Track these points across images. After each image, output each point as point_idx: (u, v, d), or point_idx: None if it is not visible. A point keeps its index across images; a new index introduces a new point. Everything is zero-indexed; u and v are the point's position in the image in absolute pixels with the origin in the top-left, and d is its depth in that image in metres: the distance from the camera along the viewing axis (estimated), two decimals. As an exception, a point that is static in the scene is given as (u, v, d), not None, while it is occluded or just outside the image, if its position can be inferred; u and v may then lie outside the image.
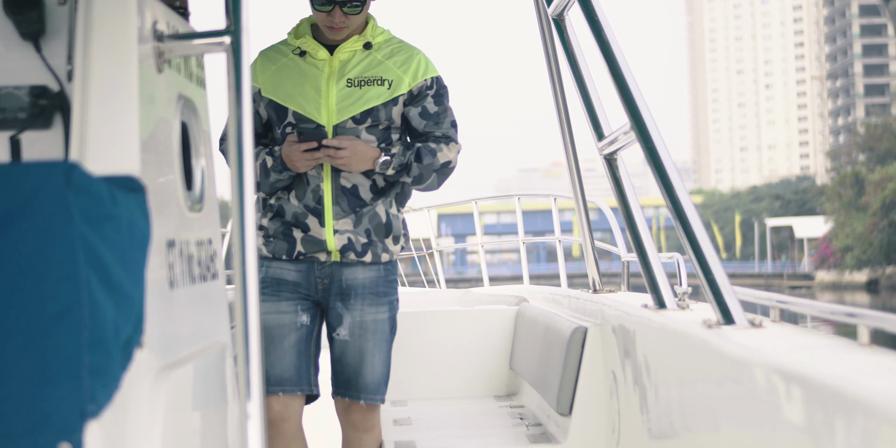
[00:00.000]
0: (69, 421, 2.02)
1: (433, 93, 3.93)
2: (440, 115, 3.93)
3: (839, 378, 1.97)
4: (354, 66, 3.91)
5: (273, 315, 4.02)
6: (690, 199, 3.11)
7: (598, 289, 4.77)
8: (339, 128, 3.88)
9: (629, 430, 3.63)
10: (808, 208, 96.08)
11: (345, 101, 3.88)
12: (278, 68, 3.97)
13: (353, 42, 3.91)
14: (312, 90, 3.90)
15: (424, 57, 3.95)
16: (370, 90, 3.88)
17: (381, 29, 3.98)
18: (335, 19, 3.83)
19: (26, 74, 2.85)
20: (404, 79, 3.89)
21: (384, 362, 3.96)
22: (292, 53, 3.96)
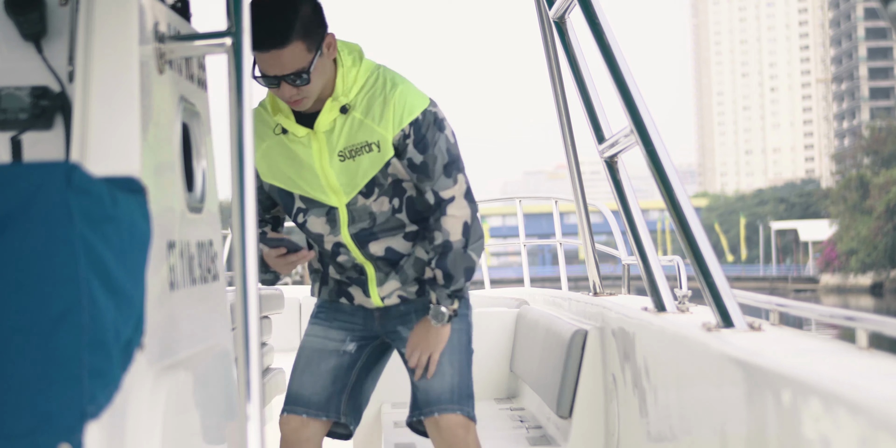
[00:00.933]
0: (69, 422, 2.02)
1: (413, 140, 3.60)
2: (428, 165, 3.62)
3: (838, 382, 1.97)
4: (339, 135, 3.63)
5: (319, 338, 3.95)
6: (691, 203, 3.11)
7: (598, 292, 4.77)
8: (351, 206, 3.71)
9: (629, 432, 3.63)
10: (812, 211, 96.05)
11: (344, 177, 3.66)
12: (268, 148, 3.73)
13: (328, 111, 3.61)
14: (309, 173, 3.68)
15: (399, 97, 3.60)
16: (363, 159, 3.62)
17: (354, 75, 3.62)
18: (286, 94, 3.55)
19: (27, 75, 2.85)
20: (386, 136, 3.59)
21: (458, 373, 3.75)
22: (273, 131, 3.71)
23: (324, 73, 3.56)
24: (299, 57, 3.48)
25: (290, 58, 3.47)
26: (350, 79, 3.61)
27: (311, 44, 3.49)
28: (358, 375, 3.91)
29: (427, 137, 3.61)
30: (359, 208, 3.71)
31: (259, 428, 2.37)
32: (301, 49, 3.47)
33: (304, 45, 3.47)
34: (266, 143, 3.72)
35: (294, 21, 3.45)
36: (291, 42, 3.45)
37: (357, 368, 3.90)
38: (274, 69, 3.49)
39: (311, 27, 3.49)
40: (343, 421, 3.88)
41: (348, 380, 3.89)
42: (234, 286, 2.49)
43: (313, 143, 3.66)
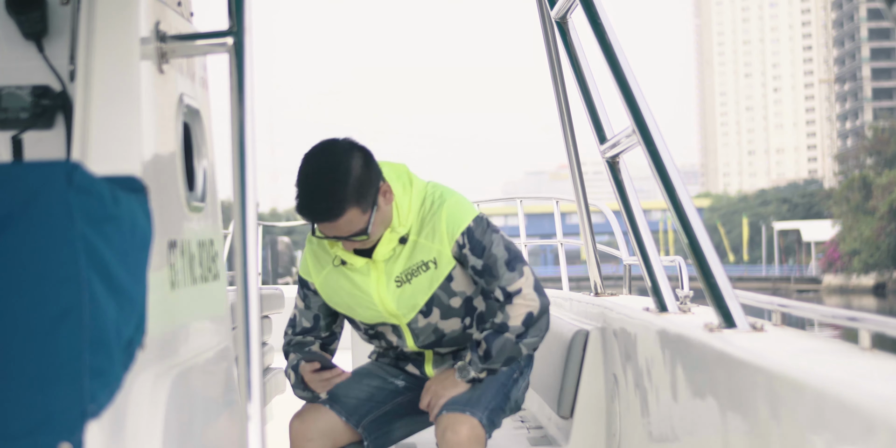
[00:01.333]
0: (70, 421, 2.02)
1: (469, 248, 3.63)
2: (489, 268, 3.63)
3: (840, 382, 1.97)
4: (395, 262, 3.66)
5: (374, 365, 4.00)
6: (692, 203, 3.11)
7: (599, 292, 4.77)
8: (412, 325, 3.74)
9: (630, 433, 3.63)
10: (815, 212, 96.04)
11: (401, 301, 3.68)
12: (328, 275, 3.76)
13: (387, 242, 3.64)
14: (366, 300, 3.70)
15: (448, 212, 3.64)
16: (420, 280, 3.66)
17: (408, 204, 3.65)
18: (348, 247, 3.61)
19: (29, 74, 2.85)
20: (443, 251, 3.64)
21: (486, 391, 3.73)
22: (332, 263, 3.74)
23: (383, 221, 3.60)
24: (356, 221, 3.51)
25: (346, 225, 3.51)
26: (405, 209, 3.65)
27: (366, 205, 3.51)
28: (394, 407, 3.91)
29: (483, 241, 3.64)
30: (421, 327, 3.75)
31: (260, 427, 2.37)
32: (357, 214, 3.50)
33: (360, 209, 3.50)
34: (326, 270, 3.77)
35: (345, 193, 3.47)
36: (345, 212, 3.48)
37: (396, 401, 3.92)
38: (332, 232, 3.54)
39: (363, 189, 3.50)
40: (360, 439, 3.85)
41: (384, 405, 3.89)
42: (234, 286, 2.49)
43: (372, 272, 3.69)
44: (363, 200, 3.50)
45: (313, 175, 3.49)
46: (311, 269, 3.81)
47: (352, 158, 3.50)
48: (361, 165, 3.51)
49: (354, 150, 3.53)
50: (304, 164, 3.51)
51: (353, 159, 3.51)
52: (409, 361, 3.92)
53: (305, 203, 3.48)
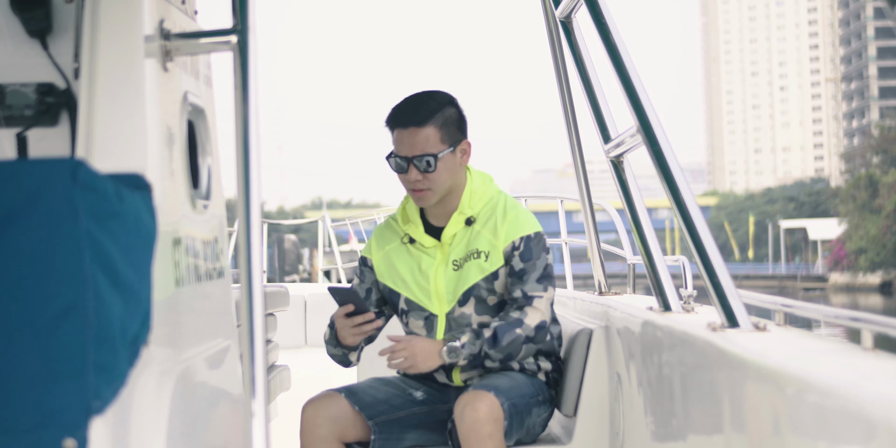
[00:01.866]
0: (74, 417, 2.03)
1: (520, 252, 3.79)
2: (525, 271, 3.78)
3: (843, 382, 1.97)
4: (457, 245, 3.84)
5: (397, 377, 4.03)
6: (696, 202, 3.10)
7: (603, 291, 4.77)
8: (449, 315, 3.84)
9: (633, 432, 3.63)
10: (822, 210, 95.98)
11: (451, 285, 3.82)
12: (391, 250, 3.93)
13: (454, 223, 3.84)
14: (423, 277, 3.85)
15: (516, 215, 3.83)
16: (470, 267, 3.81)
17: (482, 192, 3.88)
18: (411, 177, 3.75)
19: (33, 72, 2.86)
20: (498, 246, 3.80)
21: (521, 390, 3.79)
22: (401, 240, 3.92)
23: (451, 171, 3.81)
24: (432, 142, 3.75)
25: (423, 140, 3.75)
26: (478, 195, 3.87)
27: (445, 136, 3.78)
28: (409, 416, 3.91)
29: (533, 252, 3.80)
30: (456, 318, 3.84)
31: (264, 424, 2.37)
32: (436, 136, 3.76)
33: (440, 134, 3.77)
34: (388, 246, 3.95)
35: (437, 111, 3.78)
36: (428, 125, 3.75)
37: (412, 410, 3.92)
38: (405, 149, 3.77)
39: (450, 124, 3.80)
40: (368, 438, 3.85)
41: (399, 411, 3.89)
42: (239, 283, 2.49)
43: (438, 254, 3.86)
44: (447, 130, 3.78)
45: (413, 94, 3.87)
46: (373, 247, 3.98)
47: (449, 103, 3.82)
48: (455, 112, 3.83)
49: (454, 103, 3.84)
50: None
51: (451, 105, 3.82)
52: (438, 369, 3.90)
53: (397, 107, 3.83)
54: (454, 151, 3.79)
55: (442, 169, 3.76)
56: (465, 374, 3.90)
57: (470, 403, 3.62)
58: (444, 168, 3.76)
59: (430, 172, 3.74)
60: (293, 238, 30.38)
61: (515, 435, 3.81)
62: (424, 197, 3.80)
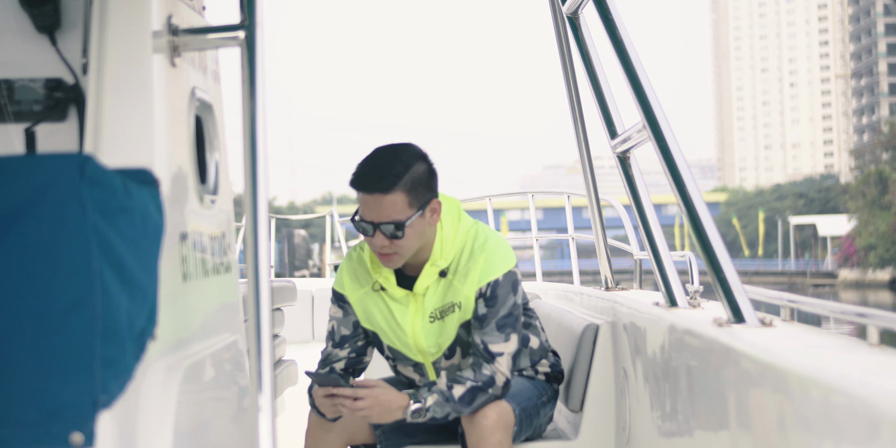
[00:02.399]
0: (81, 411, 2.03)
1: (486, 298, 3.65)
2: (485, 318, 3.65)
3: (848, 378, 1.97)
4: (431, 297, 3.71)
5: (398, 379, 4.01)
6: (702, 198, 3.10)
7: (610, 286, 4.77)
8: (436, 364, 3.79)
9: (639, 427, 3.63)
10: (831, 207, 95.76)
11: (432, 338, 3.72)
12: (365, 294, 3.80)
13: (427, 275, 3.69)
14: (400, 330, 3.75)
15: (485, 258, 3.67)
16: (451, 320, 3.70)
17: (452, 238, 3.70)
18: (377, 243, 3.58)
19: (42, 67, 2.87)
20: (469, 295, 3.67)
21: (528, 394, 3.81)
22: (372, 287, 3.78)
23: (419, 234, 3.62)
24: (399, 208, 3.54)
25: (390, 206, 3.53)
26: (448, 243, 3.69)
27: (413, 200, 3.56)
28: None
29: (498, 297, 3.66)
30: (445, 367, 3.78)
31: (270, 419, 2.38)
32: (403, 201, 3.54)
33: (407, 199, 3.54)
34: (362, 291, 3.80)
35: (403, 173, 3.53)
36: (395, 191, 3.52)
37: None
38: (372, 214, 3.55)
39: (418, 186, 3.56)
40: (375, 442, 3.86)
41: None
42: (246, 278, 2.50)
43: (410, 304, 3.73)
44: (415, 193, 3.56)
45: (379, 153, 3.60)
46: (346, 286, 3.83)
47: (418, 159, 3.59)
48: (425, 170, 3.60)
49: (423, 157, 3.61)
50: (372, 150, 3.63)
51: (420, 161, 3.59)
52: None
53: (361, 171, 3.56)
54: (423, 214, 3.59)
55: (410, 234, 3.58)
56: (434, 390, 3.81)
57: (481, 410, 3.61)
58: (412, 233, 3.59)
59: (398, 238, 3.57)
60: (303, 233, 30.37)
61: (524, 435, 3.82)
62: (391, 260, 3.63)
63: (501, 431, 3.60)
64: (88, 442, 2.03)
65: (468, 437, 3.63)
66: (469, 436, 3.62)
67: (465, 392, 3.61)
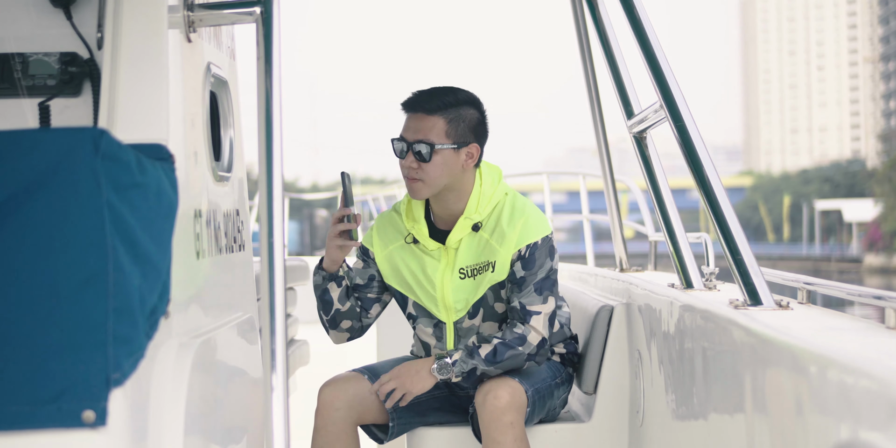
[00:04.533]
0: (93, 389, 2.03)
1: (524, 260, 3.67)
2: (524, 280, 3.67)
3: (866, 360, 1.96)
4: (464, 253, 3.73)
5: (417, 358, 3.98)
6: (720, 179, 3.08)
7: (625, 268, 4.75)
8: (458, 324, 3.79)
9: (653, 409, 3.62)
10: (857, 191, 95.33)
11: (460, 294, 3.74)
12: (394, 250, 3.83)
13: (460, 228, 3.72)
14: (429, 283, 3.76)
15: (524, 221, 3.71)
16: (482, 279, 3.72)
17: (490, 195, 3.75)
18: (405, 164, 3.64)
19: (56, 41, 2.86)
20: (505, 256, 3.69)
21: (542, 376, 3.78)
22: (404, 240, 3.81)
23: (448, 169, 3.66)
24: (435, 133, 3.63)
25: (427, 128, 3.63)
26: (485, 199, 3.74)
27: (451, 132, 3.64)
28: (430, 399, 3.90)
29: (536, 260, 3.69)
30: (465, 329, 3.79)
31: (283, 399, 2.38)
32: (441, 128, 3.63)
33: (446, 128, 3.63)
34: (392, 246, 3.83)
35: (452, 105, 3.65)
36: (436, 115, 3.63)
37: (433, 394, 3.89)
38: (409, 133, 3.65)
39: (461, 122, 3.66)
40: (386, 421, 3.83)
41: (419, 395, 3.82)
42: (259, 256, 2.49)
43: (442, 258, 3.76)
44: (455, 127, 3.65)
45: (439, 86, 3.74)
46: (374, 242, 3.86)
47: (472, 104, 3.70)
48: (475, 115, 3.69)
49: (477, 106, 3.71)
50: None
51: (472, 106, 3.70)
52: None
53: (414, 93, 3.70)
54: (458, 151, 3.65)
55: (438, 163, 3.63)
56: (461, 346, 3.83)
57: (492, 391, 3.60)
58: (440, 162, 3.63)
59: (424, 162, 3.62)
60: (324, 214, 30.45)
61: (537, 418, 3.80)
62: (415, 188, 3.67)
63: (513, 412, 3.59)
64: (100, 420, 2.02)
65: (480, 417, 3.62)
66: (481, 416, 3.61)
67: (491, 349, 3.65)
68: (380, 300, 3.88)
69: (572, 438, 3.95)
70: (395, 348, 4.56)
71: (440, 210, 3.76)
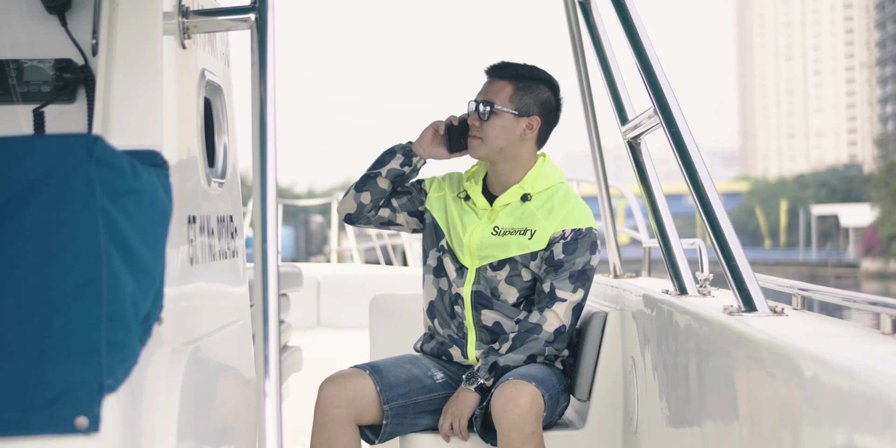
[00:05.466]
0: (87, 395, 2.03)
1: (566, 242, 3.82)
2: (561, 264, 3.81)
3: (861, 366, 1.96)
4: (506, 216, 3.90)
5: (416, 355, 4.04)
6: (714, 185, 3.08)
7: (618, 274, 4.75)
8: (479, 272, 3.91)
9: (647, 416, 3.61)
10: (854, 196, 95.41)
11: (485, 248, 3.88)
12: (446, 196, 4.03)
13: (511, 194, 3.91)
14: (462, 230, 3.93)
15: (575, 206, 3.88)
16: (511, 239, 3.86)
17: (547, 175, 3.94)
18: (470, 121, 3.88)
19: (51, 48, 2.86)
20: (547, 229, 3.85)
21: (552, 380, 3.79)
22: (458, 195, 4.01)
23: (506, 133, 3.87)
24: (501, 95, 3.87)
25: (494, 89, 3.89)
26: (542, 177, 3.94)
27: (517, 99, 3.87)
28: (426, 402, 3.90)
29: (579, 247, 3.84)
30: (487, 277, 3.91)
31: (276, 405, 2.38)
32: (507, 92, 3.87)
33: (511, 94, 3.87)
34: (447, 193, 4.04)
35: (525, 77, 3.89)
36: (506, 80, 3.89)
37: (430, 397, 3.90)
38: (480, 94, 3.92)
39: (530, 94, 3.89)
40: (382, 422, 3.82)
41: (416, 396, 3.87)
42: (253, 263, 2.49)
43: (484, 216, 3.94)
44: (522, 96, 3.87)
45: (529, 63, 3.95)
46: (435, 183, 4.07)
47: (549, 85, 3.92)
48: (547, 95, 3.91)
49: (554, 90, 3.93)
50: None
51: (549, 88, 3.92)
52: (454, 344, 3.94)
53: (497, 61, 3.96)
54: (518, 118, 3.85)
55: (496, 123, 3.85)
56: (480, 352, 3.90)
57: (513, 399, 3.57)
58: (498, 124, 3.85)
59: (483, 120, 3.84)
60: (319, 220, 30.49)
61: (544, 423, 3.80)
62: (473, 144, 3.89)
63: (533, 420, 3.58)
64: (93, 426, 2.02)
65: (498, 424, 3.59)
66: (500, 423, 3.58)
67: (509, 345, 3.78)
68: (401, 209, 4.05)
69: (566, 445, 3.94)
70: (390, 355, 4.54)
71: (494, 177, 3.96)
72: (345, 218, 4.04)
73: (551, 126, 3.95)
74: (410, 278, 7.14)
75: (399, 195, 4.03)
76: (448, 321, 3.95)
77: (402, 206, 4.03)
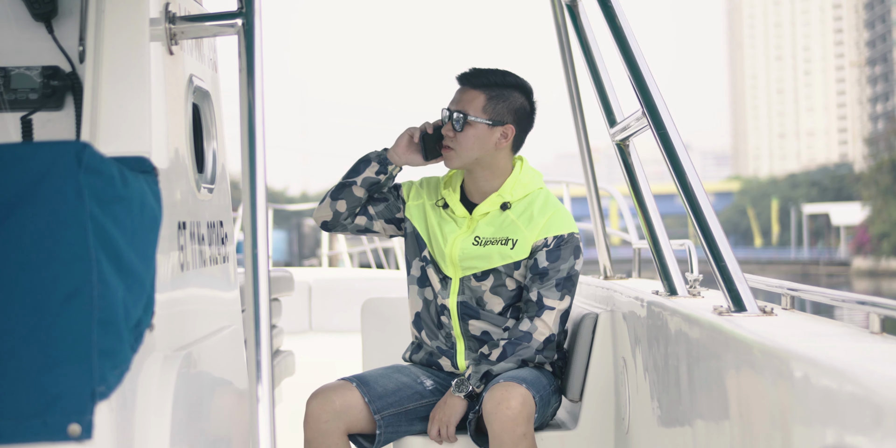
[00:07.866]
0: (79, 402, 2.02)
1: (549, 249, 3.81)
2: (546, 272, 3.80)
3: (850, 365, 1.96)
4: (486, 225, 3.87)
5: (405, 364, 4.04)
6: (702, 186, 3.08)
7: (608, 275, 4.75)
8: (463, 282, 3.89)
9: (639, 416, 3.62)
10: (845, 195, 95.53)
11: (467, 259, 3.86)
12: (424, 204, 3.99)
13: (490, 203, 3.88)
14: (442, 240, 3.90)
15: (555, 213, 3.87)
16: (493, 249, 3.84)
17: (525, 182, 3.91)
18: (444, 131, 3.83)
19: (38, 55, 2.86)
20: (529, 238, 3.83)
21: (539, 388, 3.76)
22: (436, 203, 3.97)
23: (479, 143, 3.82)
24: (473, 105, 3.82)
25: (467, 100, 3.83)
26: (521, 184, 3.90)
27: (490, 108, 3.82)
28: (417, 408, 3.89)
29: (562, 253, 3.83)
30: (471, 287, 3.89)
31: (269, 410, 2.38)
32: (480, 102, 3.82)
33: (485, 104, 3.82)
34: (424, 201, 4.00)
35: (497, 85, 3.83)
36: (478, 90, 3.83)
37: (421, 403, 3.90)
38: (453, 102, 3.86)
39: (502, 102, 3.84)
40: (373, 430, 3.82)
41: (407, 403, 3.87)
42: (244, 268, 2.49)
43: (464, 225, 3.90)
44: (495, 105, 3.82)
45: (501, 68, 3.90)
46: (413, 189, 4.03)
47: (522, 91, 3.87)
48: (521, 102, 3.86)
49: (527, 94, 3.89)
50: None
51: (522, 94, 3.87)
52: (442, 355, 3.94)
53: (471, 68, 3.89)
54: (492, 128, 3.81)
55: (470, 134, 3.80)
56: (470, 361, 3.89)
57: (503, 401, 3.58)
58: (472, 134, 3.80)
59: (457, 131, 3.79)
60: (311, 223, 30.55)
61: (535, 425, 3.80)
62: (448, 156, 3.84)
63: (525, 422, 3.59)
64: (86, 433, 2.02)
65: (490, 426, 3.59)
66: (491, 425, 3.58)
67: (500, 352, 3.77)
68: (378, 216, 4.00)
69: (558, 446, 3.94)
70: (382, 359, 4.54)
71: (471, 185, 3.93)
72: (321, 225, 4.02)
73: (526, 131, 3.92)
74: (402, 281, 7.12)
75: (376, 202, 3.99)
76: (436, 332, 3.95)
77: (379, 214, 3.99)
